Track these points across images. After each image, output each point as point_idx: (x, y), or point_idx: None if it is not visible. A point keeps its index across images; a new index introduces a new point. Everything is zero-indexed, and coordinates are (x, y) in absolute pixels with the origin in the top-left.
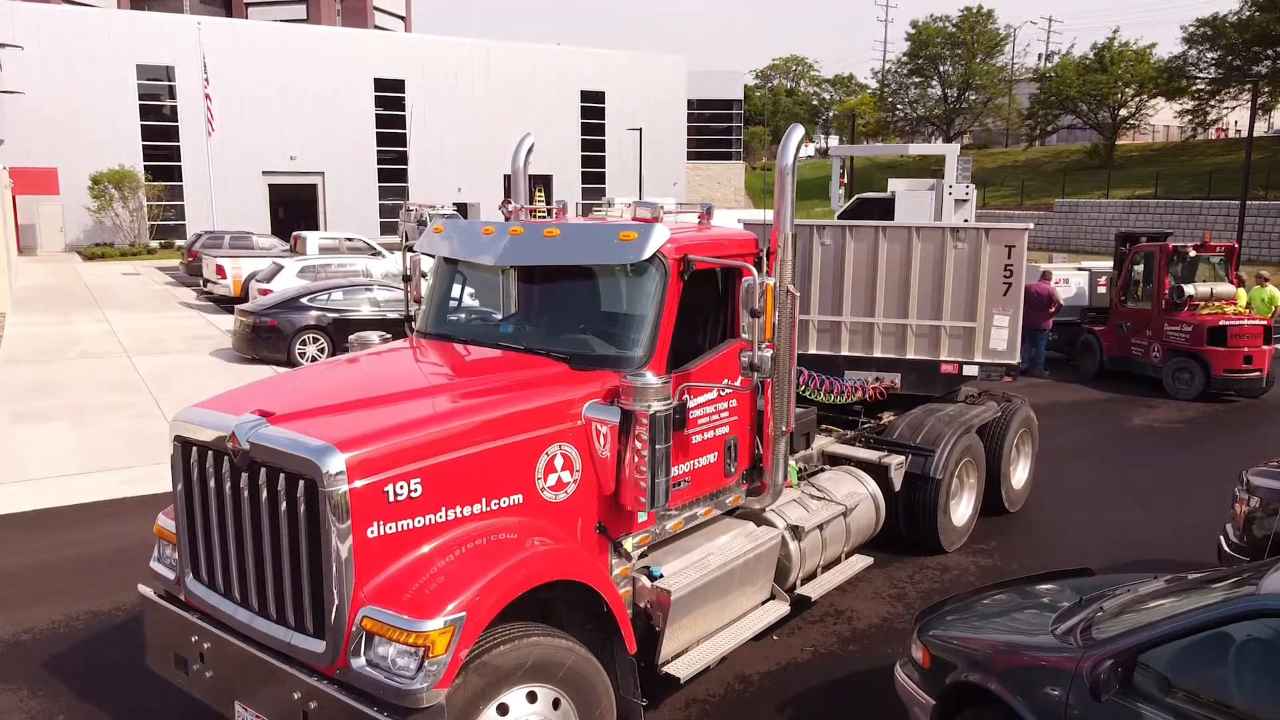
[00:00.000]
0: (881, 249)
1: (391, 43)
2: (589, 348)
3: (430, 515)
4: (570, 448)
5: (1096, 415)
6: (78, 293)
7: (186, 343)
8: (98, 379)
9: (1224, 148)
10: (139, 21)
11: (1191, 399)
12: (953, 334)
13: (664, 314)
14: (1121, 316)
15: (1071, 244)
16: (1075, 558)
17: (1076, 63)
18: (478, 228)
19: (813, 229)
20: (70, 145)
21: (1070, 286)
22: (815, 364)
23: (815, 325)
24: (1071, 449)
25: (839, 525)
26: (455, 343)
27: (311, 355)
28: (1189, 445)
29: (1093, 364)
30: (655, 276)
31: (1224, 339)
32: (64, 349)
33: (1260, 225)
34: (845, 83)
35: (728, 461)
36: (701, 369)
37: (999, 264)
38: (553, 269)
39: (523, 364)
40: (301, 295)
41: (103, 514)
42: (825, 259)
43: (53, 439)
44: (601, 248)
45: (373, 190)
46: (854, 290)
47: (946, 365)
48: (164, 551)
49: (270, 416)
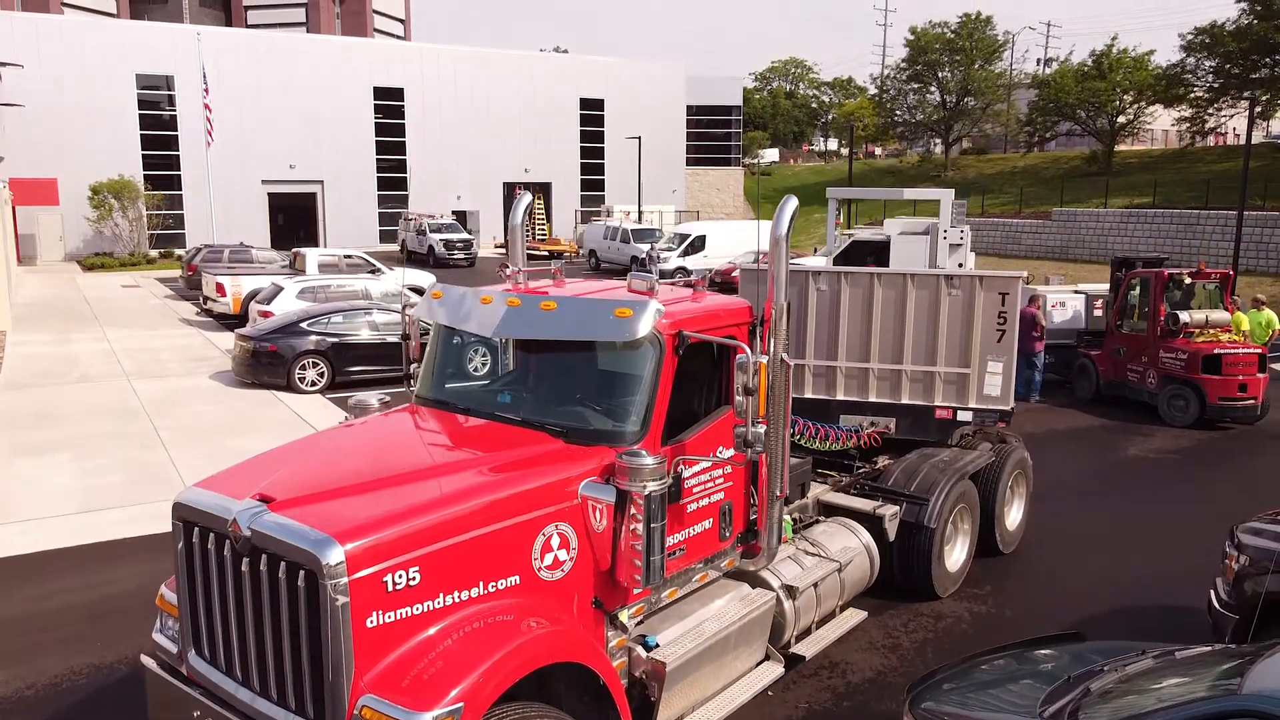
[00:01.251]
0: (877, 295)
1: (390, 52)
2: (585, 421)
3: (428, 602)
4: (567, 527)
5: (1091, 445)
6: (77, 308)
7: (186, 364)
8: (97, 405)
9: (1222, 155)
10: (138, 32)
11: (1186, 426)
12: (947, 379)
13: (659, 389)
14: (1117, 341)
15: (1069, 253)
16: (1068, 605)
17: (1075, 70)
18: (475, 296)
19: (808, 275)
20: (70, 155)
21: (1066, 310)
22: (811, 408)
23: (811, 370)
24: (1066, 483)
25: (833, 581)
26: (453, 411)
27: (311, 380)
28: (1184, 480)
29: (1089, 388)
30: (650, 352)
31: (1219, 367)
32: (64, 371)
33: (1258, 235)
34: (844, 85)
35: (723, 526)
36: (697, 439)
37: (993, 311)
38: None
39: (520, 440)
40: (301, 320)
41: (102, 556)
42: (821, 304)
43: (53, 472)
44: (597, 324)
45: (372, 199)
46: (849, 335)
47: (941, 410)
48: (166, 623)
49: (271, 503)
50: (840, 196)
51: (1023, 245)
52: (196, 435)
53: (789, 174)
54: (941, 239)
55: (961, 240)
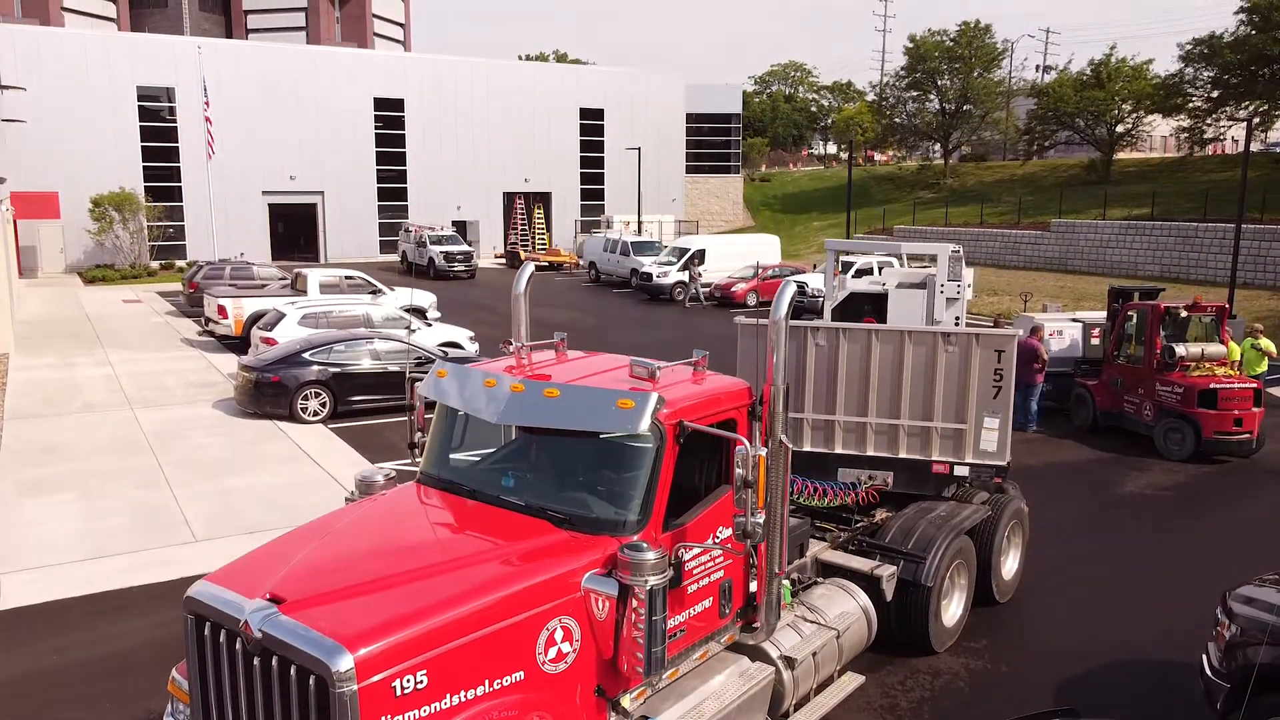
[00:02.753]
0: (874, 351)
1: (391, 62)
2: (588, 508)
3: (435, 704)
4: (570, 620)
5: (1088, 481)
6: (79, 327)
7: (188, 391)
8: (101, 437)
9: (1221, 164)
10: (139, 44)
11: (1182, 460)
12: (944, 434)
13: (660, 479)
14: (1114, 372)
15: (1068, 264)
16: (1064, 660)
17: (1074, 79)
18: (480, 378)
19: (807, 330)
20: (71, 168)
21: (1064, 338)
22: (809, 461)
23: (809, 423)
24: (1062, 524)
25: (832, 648)
26: (459, 494)
27: (313, 409)
28: (1180, 520)
29: (1086, 417)
30: (652, 443)
31: (1214, 402)
32: (67, 400)
33: (1256, 249)
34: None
35: (723, 603)
36: (697, 521)
37: (989, 368)
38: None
39: (524, 530)
40: (303, 350)
41: (109, 607)
42: (819, 358)
43: (59, 515)
44: (599, 415)
45: (372, 209)
46: (847, 389)
47: (938, 465)
48: (177, 707)
49: (282, 603)
50: (838, 249)
51: (1021, 256)
52: (200, 472)
53: (788, 180)
54: (939, 292)
55: (959, 295)
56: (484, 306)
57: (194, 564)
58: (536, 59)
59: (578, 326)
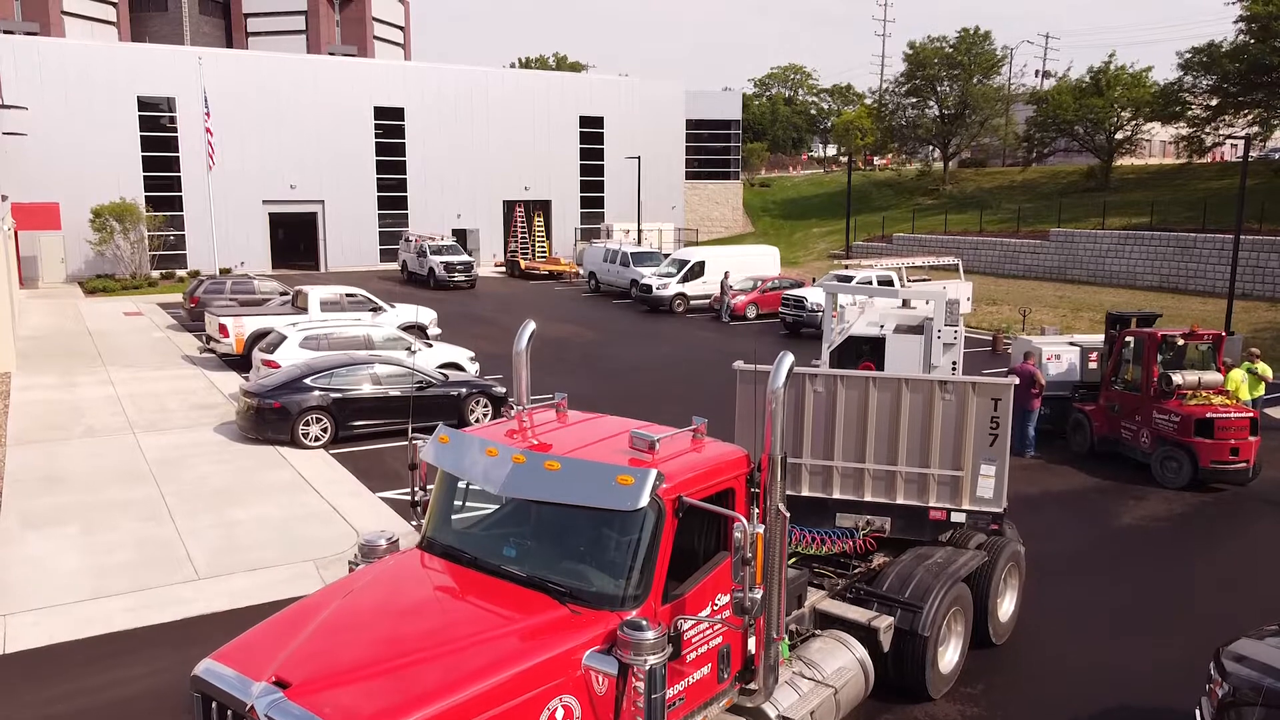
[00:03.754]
0: (872, 397)
1: (391, 71)
2: (588, 581)
3: None
4: (571, 698)
5: (1085, 511)
6: (81, 343)
7: (190, 413)
8: (104, 465)
9: (1219, 171)
10: (140, 54)
11: (1179, 488)
12: (941, 481)
13: (659, 553)
14: (1112, 398)
15: (1067, 273)
16: (1060, 706)
17: (1073, 86)
18: (481, 446)
19: (805, 377)
20: (72, 178)
21: (1062, 362)
22: (807, 506)
23: (808, 468)
24: (1059, 558)
25: (829, 704)
26: (461, 563)
27: (314, 435)
28: (1177, 554)
29: (1083, 443)
30: (651, 518)
31: (1211, 431)
32: (70, 423)
33: (1254, 260)
34: (843, 93)
35: (721, 669)
36: (696, 590)
37: (985, 415)
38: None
39: (526, 606)
40: (304, 375)
41: (114, 650)
42: (817, 404)
43: (62, 550)
44: (599, 491)
45: (372, 217)
46: (845, 435)
47: (935, 512)
48: None
49: (288, 687)
50: (834, 290)
51: (1020, 265)
52: (202, 502)
53: (787, 185)
54: (936, 338)
55: (955, 340)
56: (484, 320)
57: (196, 603)
58: (536, 61)
59: (577, 341)
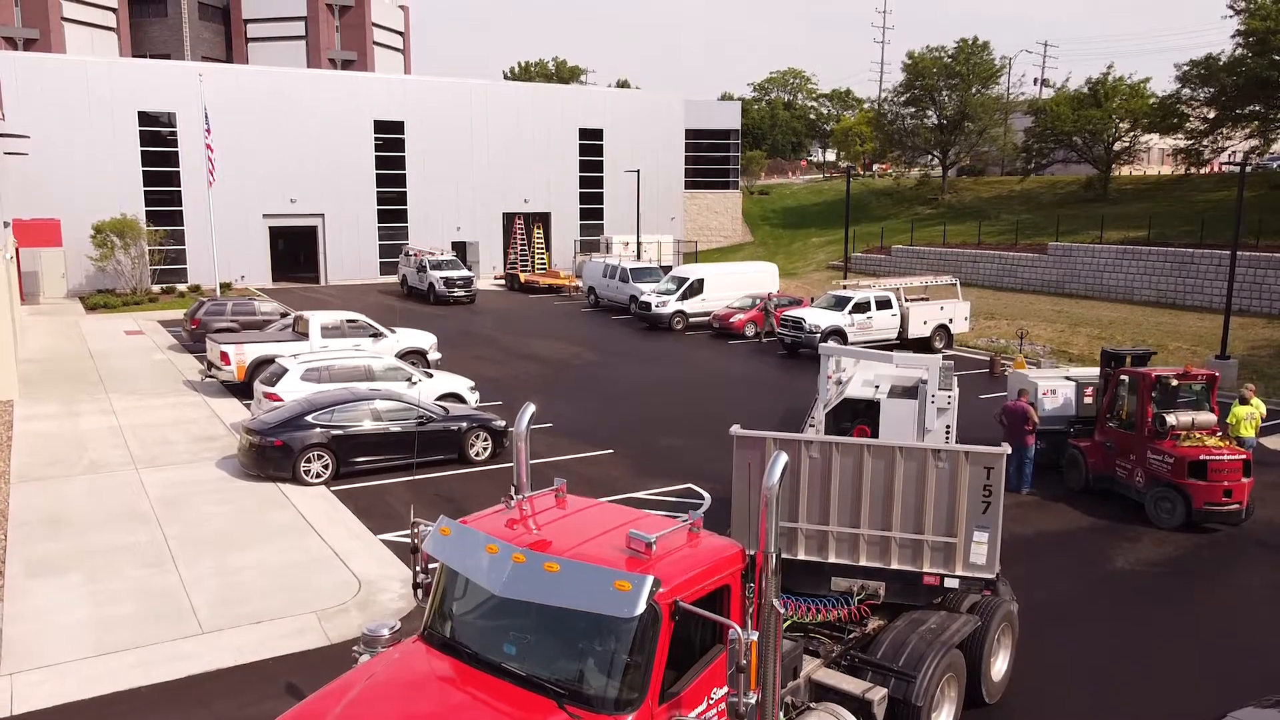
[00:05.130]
0: (867, 464)
1: (391, 85)
2: (585, 683)
3: None
4: None
5: (1079, 553)
6: (82, 365)
7: (192, 446)
8: (107, 507)
9: (1218, 182)
10: (141, 70)
11: (1173, 528)
12: (934, 547)
13: (656, 655)
14: (1106, 435)
15: (1065, 287)
16: None
17: (1071, 97)
18: (482, 542)
19: (801, 444)
20: (72, 194)
21: (1058, 397)
22: (803, 570)
23: (803, 532)
24: (1053, 606)
25: None
26: (462, 659)
27: (315, 472)
28: (1173, 602)
29: (1078, 479)
30: (648, 622)
31: (1205, 473)
32: (73, 458)
33: (1251, 276)
34: (843, 98)
35: None
36: (692, 687)
37: (978, 483)
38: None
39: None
40: (305, 413)
41: (120, 711)
42: (813, 470)
43: (66, 599)
44: (597, 595)
45: (372, 230)
46: (840, 500)
47: (929, 577)
48: None
49: None
50: (832, 354)
51: (1018, 278)
52: (205, 547)
53: (786, 193)
54: (930, 403)
55: (949, 405)
56: (484, 339)
57: (202, 658)
58: (535, 65)
59: (576, 362)
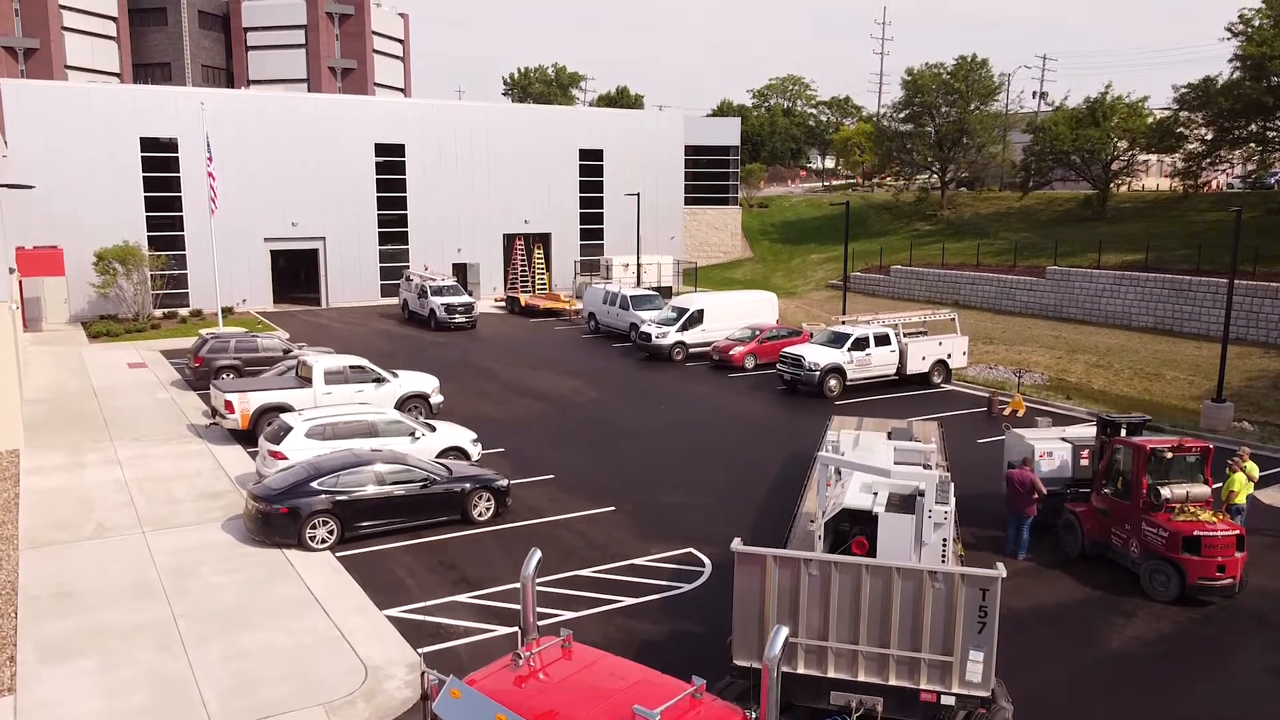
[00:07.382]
0: (865, 583)
1: (391, 108)
2: None
3: None
4: None
5: (1074, 630)
6: (86, 405)
7: (198, 505)
8: (115, 578)
9: (1216, 202)
10: (142, 96)
11: (1167, 601)
12: (931, 664)
13: None
14: (1102, 502)
15: (1063, 312)
16: None
17: (1069, 116)
18: (492, 711)
19: (800, 562)
20: (75, 222)
21: (1054, 459)
22: (802, 683)
23: (803, 646)
24: (1047, 692)
25: None
26: None
27: (321, 538)
28: (1168, 686)
29: (1074, 544)
30: None
31: (1199, 549)
32: (79, 519)
33: (1249, 305)
34: (842, 105)
35: None
36: None
37: (974, 604)
38: None
39: None
40: (309, 479)
41: None
42: (812, 587)
43: (78, 690)
44: None
45: (373, 253)
46: (839, 617)
47: (926, 694)
48: None
49: None
50: (832, 463)
51: (1017, 301)
52: (213, 626)
53: (785, 206)
54: (927, 518)
55: (946, 519)
56: (486, 372)
57: None
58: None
59: (577, 400)
